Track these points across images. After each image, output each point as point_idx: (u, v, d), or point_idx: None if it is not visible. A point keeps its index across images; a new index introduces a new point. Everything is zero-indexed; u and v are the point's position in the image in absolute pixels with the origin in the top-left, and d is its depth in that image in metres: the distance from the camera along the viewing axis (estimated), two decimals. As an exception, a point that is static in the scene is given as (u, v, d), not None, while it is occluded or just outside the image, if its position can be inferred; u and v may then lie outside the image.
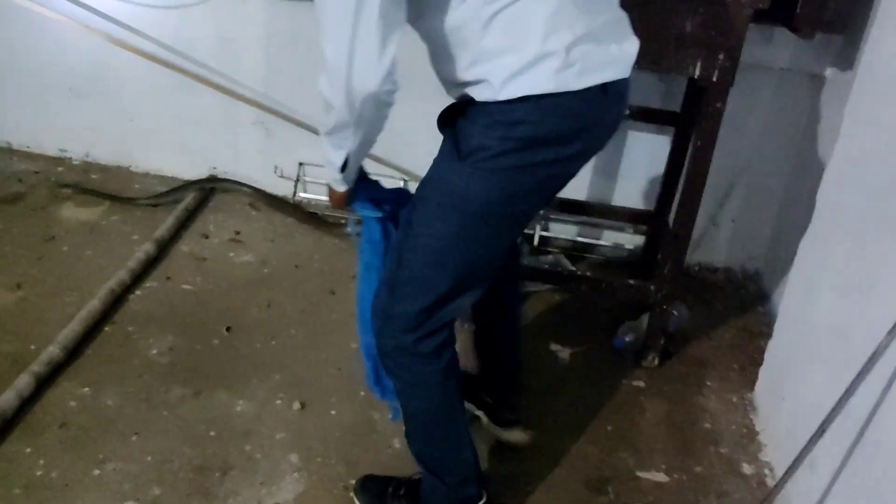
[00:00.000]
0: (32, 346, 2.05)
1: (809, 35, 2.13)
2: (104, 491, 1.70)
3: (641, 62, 1.50)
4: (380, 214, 1.58)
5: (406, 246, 1.42)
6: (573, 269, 2.70)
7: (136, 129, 2.98)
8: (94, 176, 2.98)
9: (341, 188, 1.51)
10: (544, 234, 2.82)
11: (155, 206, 2.79)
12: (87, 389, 1.96)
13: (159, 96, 2.88)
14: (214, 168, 2.97)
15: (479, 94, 1.29)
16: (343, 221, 2.79)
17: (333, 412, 1.99)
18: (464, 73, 1.30)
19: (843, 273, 1.74)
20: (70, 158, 3.06)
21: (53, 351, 2.01)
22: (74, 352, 2.06)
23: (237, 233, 2.71)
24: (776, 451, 1.97)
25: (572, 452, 1.96)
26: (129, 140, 3.01)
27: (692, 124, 2.41)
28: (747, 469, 1.95)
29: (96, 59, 2.83)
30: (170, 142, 2.98)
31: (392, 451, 1.90)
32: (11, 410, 1.83)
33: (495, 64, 1.25)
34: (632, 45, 1.40)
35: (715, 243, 2.76)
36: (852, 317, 1.63)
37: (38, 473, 1.72)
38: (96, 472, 1.74)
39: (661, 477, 1.92)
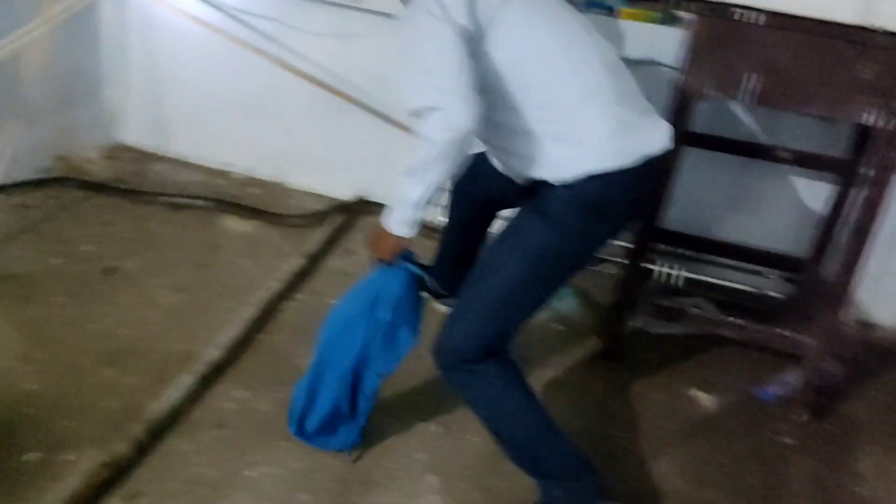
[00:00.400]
0: (193, 347, 2.19)
1: None
2: (255, 492, 1.78)
3: (813, 107, 1.47)
4: (421, 273, 1.77)
5: (486, 285, 1.64)
6: (719, 314, 2.63)
7: (293, 147, 3.14)
8: (252, 190, 3.15)
9: (406, 232, 1.68)
10: (686, 274, 2.75)
11: (302, 226, 2.92)
12: (242, 393, 2.06)
13: (318, 118, 3.02)
14: (361, 190, 3.08)
15: (552, 176, 1.62)
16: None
17: (473, 438, 2.01)
18: (531, 163, 1.64)
19: None
20: (231, 172, 3.25)
21: (213, 353, 2.13)
22: (232, 356, 2.18)
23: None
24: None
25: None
26: (286, 158, 3.17)
27: (858, 172, 2.31)
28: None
29: (266, 81, 3.00)
30: (324, 161, 3.12)
31: (528, 483, 1.89)
32: (174, 409, 1.95)
33: (560, 153, 1.61)
34: (664, 128, 1.69)
35: (874, 298, 2.62)
36: None
37: (195, 470, 1.82)
38: (248, 473, 1.83)
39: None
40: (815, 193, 2.56)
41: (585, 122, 1.60)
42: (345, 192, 3.10)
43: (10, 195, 2.81)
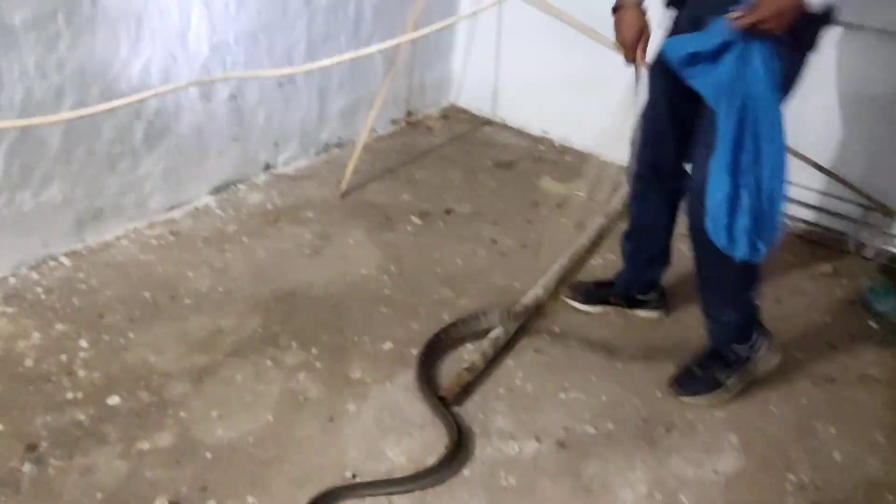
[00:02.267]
0: (515, 284, 2.45)
1: None
2: (567, 412, 1.99)
3: None
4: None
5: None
6: None
7: (609, 122, 3.30)
8: (567, 158, 3.38)
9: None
10: None
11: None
12: (556, 328, 2.29)
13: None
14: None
15: None
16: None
17: (774, 409, 2.06)
18: None
19: None
20: (551, 139, 3.50)
21: (537, 292, 2.37)
22: (548, 297, 2.41)
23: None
24: None
25: None
26: (602, 131, 3.34)
27: None
28: None
29: (589, 60, 3.18)
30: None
31: (832, 462, 1.91)
32: (506, 335, 2.21)
33: None
34: None
35: None
36: None
37: (517, 383, 2.07)
38: (562, 395, 2.04)
39: None
40: None
41: None
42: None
43: (374, 142, 3.29)
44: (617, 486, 1.80)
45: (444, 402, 1.93)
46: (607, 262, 2.63)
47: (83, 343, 2.05)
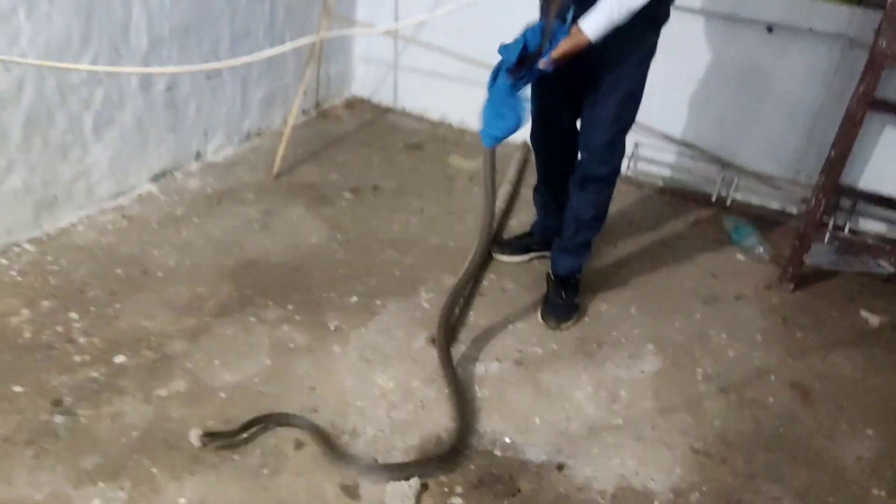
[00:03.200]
0: (450, 243, 2.79)
1: None
2: (517, 338, 2.35)
3: None
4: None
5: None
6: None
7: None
8: (467, 138, 3.75)
9: (594, 38, 1.98)
10: (853, 226, 3.15)
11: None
12: (493, 276, 2.65)
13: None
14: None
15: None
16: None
17: (676, 324, 2.52)
18: None
19: None
20: (450, 123, 3.86)
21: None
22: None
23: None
24: None
25: (868, 401, 2.33)
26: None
27: None
28: None
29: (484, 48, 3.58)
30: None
31: (727, 358, 2.38)
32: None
33: None
34: None
35: None
36: None
37: (472, 320, 2.41)
38: (510, 327, 2.40)
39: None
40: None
41: None
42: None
43: (292, 131, 3.51)
44: (569, 389, 2.18)
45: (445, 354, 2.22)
46: (517, 223, 3.02)
47: (73, 315, 2.18)
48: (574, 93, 2.29)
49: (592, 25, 1.97)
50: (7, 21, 2.22)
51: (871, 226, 3.17)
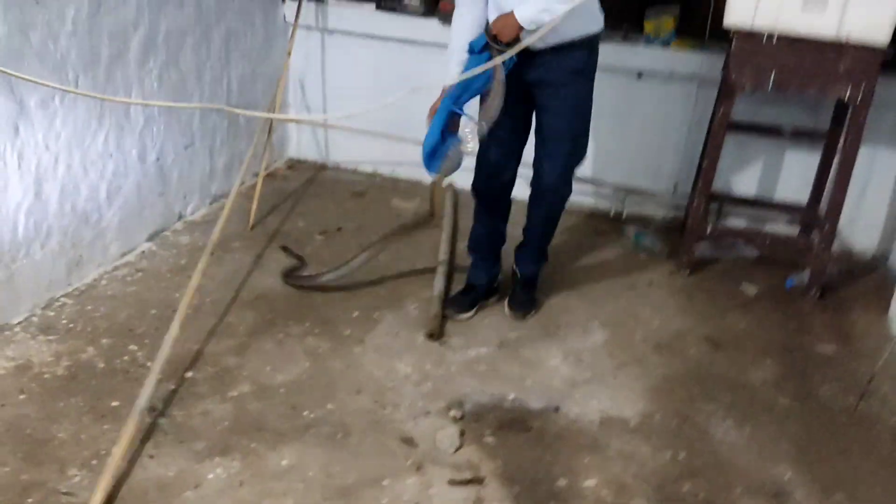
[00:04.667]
0: (418, 264, 3.34)
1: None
2: (495, 329, 2.92)
3: (811, 90, 2.72)
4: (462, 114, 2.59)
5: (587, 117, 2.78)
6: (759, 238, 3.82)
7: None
8: (401, 185, 4.33)
9: (528, 26, 2.43)
10: (722, 223, 3.96)
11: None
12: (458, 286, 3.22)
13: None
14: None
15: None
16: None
17: (611, 307, 3.18)
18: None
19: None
20: (382, 174, 4.44)
21: (444, 264, 3.29)
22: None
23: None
24: None
25: (761, 343, 3.08)
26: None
27: (837, 140, 3.55)
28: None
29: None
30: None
31: (655, 325, 3.06)
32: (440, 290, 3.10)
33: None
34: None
35: (851, 230, 3.84)
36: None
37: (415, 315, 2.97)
38: (486, 321, 2.97)
39: (830, 349, 3.00)
40: (809, 159, 3.80)
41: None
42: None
43: (249, 190, 3.97)
44: (545, 358, 2.77)
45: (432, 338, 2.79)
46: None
47: (133, 347, 2.57)
48: (519, 139, 2.86)
49: (525, 13, 2.44)
50: (44, 107, 2.63)
51: (736, 221, 4.00)
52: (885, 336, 3.10)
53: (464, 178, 3.01)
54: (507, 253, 3.13)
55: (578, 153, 2.85)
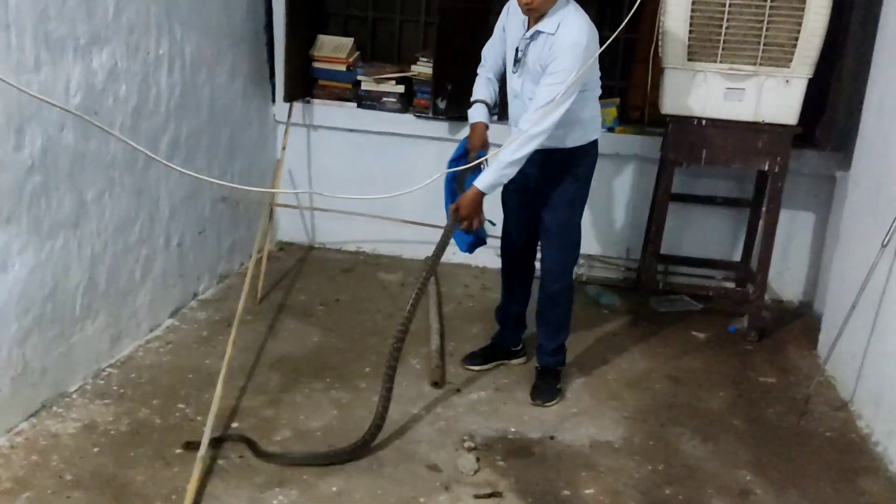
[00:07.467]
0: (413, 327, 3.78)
1: (824, 148, 3.97)
2: (491, 377, 3.36)
3: (736, 162, 3.36)
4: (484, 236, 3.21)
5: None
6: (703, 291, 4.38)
7: (408, 232, 4.81)
8: (384, 260, 4.80)
9: (488, 191, 2.89)
10: (670, 280, 4.53)
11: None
12: (453, 343, 3.67)
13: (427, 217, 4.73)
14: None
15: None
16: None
17: (587, 360, 3.66)
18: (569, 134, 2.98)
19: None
20: (365, 251, 4.90)
21: (436, 326, 3.73)
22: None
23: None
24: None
25: (714, 378, 3.60)
26: (402, 239, 4.84)
27: (760, 206, 4.18)
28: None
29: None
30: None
31: (625, 366, 3.54)
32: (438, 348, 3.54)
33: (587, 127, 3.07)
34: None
35: (779, 282, 4.45)
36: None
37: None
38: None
39: (771, 380, 3.53)
40: (739, 222, 4.43)
41: (595, 111, 3.04)
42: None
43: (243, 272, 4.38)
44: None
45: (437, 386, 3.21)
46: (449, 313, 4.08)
47: (181, 405, 2.93)
48: (529, 215, 3.17)
49: (484, 180, 2.84)
50: (98, 202, 3.04)
51: (682, 279, 4.57)
52: (815, 367, 3.65)
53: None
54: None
55: (572, 248, 3.22)
